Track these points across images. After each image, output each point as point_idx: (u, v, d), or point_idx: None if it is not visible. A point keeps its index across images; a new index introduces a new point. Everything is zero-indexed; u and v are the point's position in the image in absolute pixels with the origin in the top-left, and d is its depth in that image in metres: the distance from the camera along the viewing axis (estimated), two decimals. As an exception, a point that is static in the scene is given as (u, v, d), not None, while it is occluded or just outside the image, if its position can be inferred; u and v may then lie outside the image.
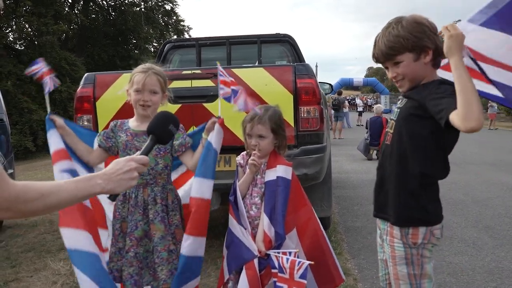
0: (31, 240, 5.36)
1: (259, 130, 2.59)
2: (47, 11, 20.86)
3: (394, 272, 2.07)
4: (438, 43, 1.95)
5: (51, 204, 1.41)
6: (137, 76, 2.63)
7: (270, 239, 2.48)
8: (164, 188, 2.67)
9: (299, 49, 6.32)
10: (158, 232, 2.58)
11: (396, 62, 1.99)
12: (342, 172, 10.01)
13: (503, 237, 5.08)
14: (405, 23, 1.94)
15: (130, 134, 2.69)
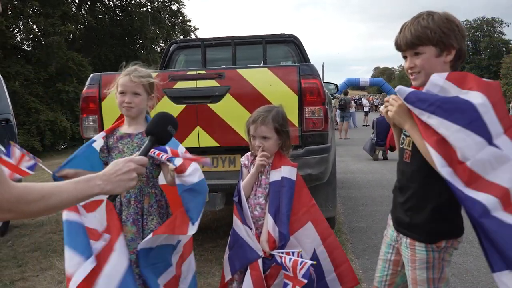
0: (37, 240, 5.39)
1: (263, 131, 2.59)
2: (54, 11, 20.99)
3: (413, 276, 2.04)
4: (463, 45, 1.94)
5: (52, 205, 1.43)
6: (121, 79, 2.63)
7: (274, 240, 2.49)
8: (141, 191, 2.61)
9: (304, 50, 6.32)
10: (129, 234, 2.56)
11: (417, 53, 1.95)
12: (348, 172, 10.00)
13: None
14: (437, 17, 1.93)
15: (116, 137, 2.69)
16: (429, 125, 1.79)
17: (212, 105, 4.15)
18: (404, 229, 2.08)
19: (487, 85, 1.80)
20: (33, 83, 20.27)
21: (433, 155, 1.76)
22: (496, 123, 1.75)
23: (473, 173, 1.72)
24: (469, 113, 1.73)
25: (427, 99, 1.79)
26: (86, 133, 4.35)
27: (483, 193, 1.70)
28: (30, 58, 21.11)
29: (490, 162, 1.72)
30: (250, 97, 4.05)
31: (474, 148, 1.71)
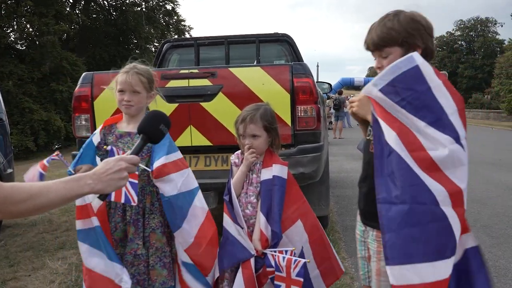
0: (30, 240, 5.38)
1: (252, 129, 2.58)
2: (48, 11, 20.87)
3: (377, 267, 2.05)
4: (429, 44, 1.95)
5: (40, 205, 1.42)
6: (120, 77, 2.63)
7: (266, 238, 2.48)
8: (143, 190, 2.62)
9: (298, 49, 6.33)
10: (130, 234, 2.59)
11: (384, 54, 1.99)
12: (342, 171, 10.02)
13: (500, 236, 5.08)
14: (402, 18, 1.95)
15: (115, 136, 2.69)
16: (392, 114, 1.83)
17: (205, 104, 4.15)
18: (371, 221, 2.08)
19: (455, 93, 1.85)
20: (27, 82, 20.15)
21: (394, 139, 1.78)
22: (460, 126, 1.81)
23: (434, 164, 1.75)
24: (438, 111, 1.78)
25: (399, 94, 1.81)
26: (79, 132, 4.34)
27: (438, 184, 1.73)
28: (24, 58, 21.00)
29: (453, 160, 1.76)
30: (243, 96, 4.05)
31: (438, 144, 1.75)
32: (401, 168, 1.74)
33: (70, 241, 5.18)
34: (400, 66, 1.82)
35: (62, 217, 6.42)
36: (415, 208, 1.72)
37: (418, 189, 1.73)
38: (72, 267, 4.29)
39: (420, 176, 1.73)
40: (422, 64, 1.81)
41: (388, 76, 1.84)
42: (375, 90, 1.87)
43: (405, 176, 1.74)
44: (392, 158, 1.77)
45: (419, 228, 1.72)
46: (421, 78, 1.80)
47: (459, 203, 1.77)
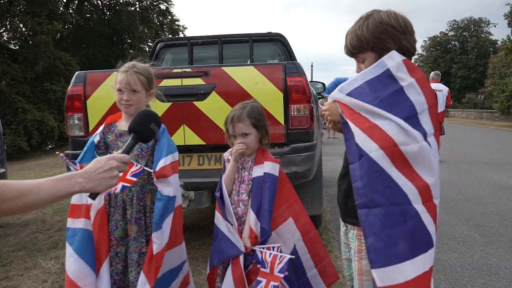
0: (22, 239, 5.36)
1: (241, 128, 2.59)
2: (41, 10, 20.81)
3: (359, 266, 2.05)
4: (403, 42, 1.95)
5: (31, 203, 1.42)
6: (119, 76, 2.63)
7: (256, 235, 2.49)
8: (143, 189, 2.63)
9: (291, 48, 6.33)
10: (132, 233, 2.59)
11: (360, 61, 2.03)
12: (335, 171, 10.01)
13: (492, 235, 5.11)
14: (371, 23, 1.95)
15: (115, 134, 2.69)
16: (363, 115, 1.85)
17: (198, 103, 4.15)
18: (351, 218, 2.07)
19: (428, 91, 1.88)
20: (20, 82, 20.08)
21: (364, 140, 1.80)
22: (429, 123, 1.85)
23: (405, 158, 1.79)
24: (408, 109, 1.82)
25: (370, 94, 1.84)
26: (71, 132, 4.33)
27: (409, 181, 1.78)
28: (17, 57, 20.93)
29: (422, 155, 1.80)
30: (236, 95, 4.05)
31: (411, 139, 1.78)
32: (374, 171, 1.77)
33: (63, 241, 5.15)
34: (372, 71, 1.88)
35: (55, 217, 6.40)
36: (392, 210, 1.76)
37: (392, 191, 1.77)
38: (64, 267, 4.27)
39: (392, 177, 1.77)
40: (393, 67, 1.85)
41: (357, 81, 1.89)
42: (342, 95, 1.91)
43: (379, 178, 1.77)
44: (364, 161, 1.79)
45: (397, 229, 1.76)
46: (392, 80, 1.84)
47: (428, 198, 1.82)
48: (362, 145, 1.80)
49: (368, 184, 1.78)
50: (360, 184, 1.80)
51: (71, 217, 2.54)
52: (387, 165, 1.77)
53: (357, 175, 1.81)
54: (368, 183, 1.78)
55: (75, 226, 2.51)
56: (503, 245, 4.75)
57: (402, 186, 1.77)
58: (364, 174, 1.79)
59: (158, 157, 2.54)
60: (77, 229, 2.49)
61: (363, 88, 1.86)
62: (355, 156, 1.83)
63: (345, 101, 1.90)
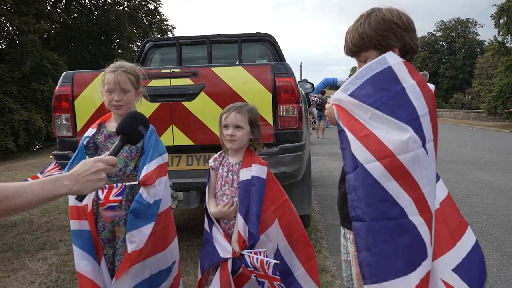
0: (9, 240, 5.31)
1: (237, 119, 2.54)
2: (28, 9, 20.66)
3: (357, 271, 2.03)
4: (407, 40, 1.91)
5: (16, 206, 1.41)
6: (107, 76, 2.60)
7: (244, 240, 2.47)
8: (132, 190, 2.61)
9: (280, 49, 6.34)
10: (121, 234, 2.57)
11: (362, 59, 1.97)
12: (325, 170, 10.07)
13: (479, 234, 5.15)
14: (373, 20, 1.91)
15: (104, 135, 2.66)
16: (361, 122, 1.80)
17: (187, 103, 4.14)
18: (348, 222, 2.02)
19: (427, 94, 1.83)
20: (7, 82, 19.91)
21: (359, 150, 1.76)
22: (429, 128, 1.80)
23: (402, 168, 1.73)
24: (411, 111, 1.76)
25: (373, 95, 1.78)
26: (59, 132, 4.30)
27: (405, 192, 1.73)
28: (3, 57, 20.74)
29: (419, 163, 1.75)
30: (225, 95, 4.05)
31: (409, 146, 1.73)
32: (369, 183, 1.73)
33: (51, 242, 5.13)
34: (373, 68, 1.80)
35: (42, 218, 6.35)
36: (385, 224, 1.71)
37: (387, 204, 1.72)
38: (52, 268, 4.25)
39: (388, 190, 1.72)
40: (395, 65, 1.79)
41: (359, 80, 1.82)
42: (345, 96, 1.85)
43: (374, 191, 1.72)
44: (359, 172, 1.75)
45: (391, 244, 1.71)
46: (395, 78, 1.78)
47: (425, 209, 1.76)
48: (357, 155, 1.75)
49: (362, 197, 1.74)
50: (354, 196, 1.75)
51: (75, 219, 2.54)
52: (383, 177, 1.72)
53: (351, 186, 1.77)
54: (362, 196, 1.74)
55: (82, 227, 2.52)
56: (490, 244, 4.79)
57: (397, 199, 1.72)
58: (358, 186, 1.74)
59: (142, 164, 2.52)
60: (85, 231, 2.51)
61: (365, 87, 1.80)
62: (350, 166, 1.78)
63: (347, 102, 1.84)
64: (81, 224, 2.52)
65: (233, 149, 2.61)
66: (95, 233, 2.58)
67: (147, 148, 2.56)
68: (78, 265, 2.52)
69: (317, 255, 4.42)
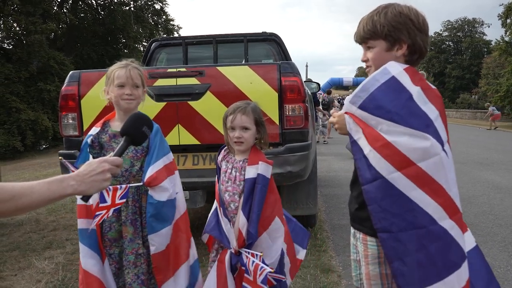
0: (16, 239, 5.33)
1: (244, 121, 2.51)
2: (35, 10, 20.76)
3: (366, 271, 2.02)
4: (418, 40, 1.91)
5: (23, 206, 1.41)
6: (118, 72, 2.59)
7: (243, 239, 2.47)
8: (138, 190, 2.61)
9: (286, 48, 6.33)
10: (128, 234, 2.57)
11: (369, 46, 1.98)
12: (331, 170, 10.05)
13: (486, 234, 5.13)
14: (390, 11, 1.92)
15: (109, 135, 2.66)
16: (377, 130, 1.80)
17: (193, 102, 4.15)
18: (358, 224, 2.06)
19: (433, 96, 1.85)
20: (14, 82, 20.02)
21: (378, 161, 1.76)
22: (443, 130, 1.82)
23: (425, 175, 1.74)
24: (424, 118, 1.77)
25: (383, 106, 1.79)
26: (65, 131, 4.32)
27: (431, 199, 1.74)
28: (10, 57, 20.86)
29: (443, 166, 1.76)
30: (231, 94, 4.05)
31: (430, 152, 1.74)
32: (393, 194, 1.73)
33: (57, 241, 5.15)
34: (377, 78, 1.82)
35: (49, 217, 6.37)
36: (415, 233, 1.73)
37: (414, 214, 1.73)
38: (59, 267, 4.26)
39: (413, 199, 1.72)
40: (398, 74, 1.81)
41: (364, 92, 1.83)
42: (354, 109, 1.86)
43: (399, 202, 1.73)
44: (381, 184, 1.75)
45: (424, 253, 1.73)
46: (400, 87, 1.80)
47: (454, 211, 1.78)
48: (377, 167, 1.76)
49: (387, 208, 1.74)
50: (378, 208, 1.76)
51: (83, 217, 2.55)
52: (407, 187, 1.72)
53: (372, 198, 1.77)
54: (388, 207, 1.74)
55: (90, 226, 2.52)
56: (497, 245, 4.77)
57: (424, 207, 1.73)
58: (382, 198, 1.75)
59: (147, 164, 2.52)
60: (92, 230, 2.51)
61: (374, 98, 1.81)
62: (367, 177, 1.78)
63: (358, 115, 1.85)
64: (89, 223, 2.51)
65: (241, 151, 2.60)
66: (99, 232, 2.58)
67: (152, 148, 2.56)
68: (86, 264, 2.52)
69: (323, 255, 4.44)
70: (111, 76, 2.61)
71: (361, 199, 1.93)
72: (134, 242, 2.56)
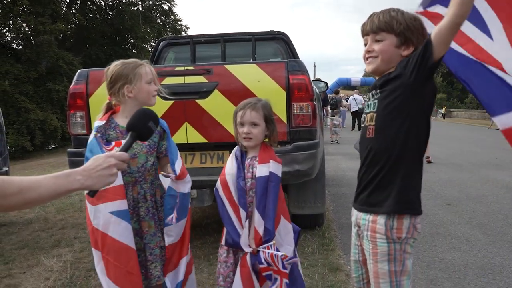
0: (25, 238, 5.36)
1: (253, 116, 2.52)
2: (44, 10, 20.87)
3: (375, 269, 2.02)
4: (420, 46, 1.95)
5: (30, 199, 1.42)
6: (143, 68, 2.59)
7: (260, 237, 2.46)
8: (152, 184, 2.64)
9: (294, 47, 6.32)
10: (150, 229, 2.59)
11: (378, 40, 2.02)
12: (339, 170, 10.02)
13: (496, 234, 5.09)
14: (406, 13, 2.01)
15: (120, 132, 2.64)
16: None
17: (200, 101, 4.14)
18: (372, 206, 2.04)
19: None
20: (23, 82, 20.14)
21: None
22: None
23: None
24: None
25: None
26: (74, 130, 4.33)
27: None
28: (20, 57, 21.00)
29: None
30: (238, 93, 4.04)
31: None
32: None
33: (65, 239, 5.17)
34: None
35: (57, 216, 6.40)
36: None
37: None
38: (67, 265, 4.28)
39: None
40: None
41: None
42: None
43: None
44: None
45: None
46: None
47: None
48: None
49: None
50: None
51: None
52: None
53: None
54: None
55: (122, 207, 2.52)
56: (507, 244, 4.73)
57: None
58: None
59: (173, 159, 2.57)
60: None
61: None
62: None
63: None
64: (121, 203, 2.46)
65: (250, 147, 2.59)
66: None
67: (170, 143, 2.63)
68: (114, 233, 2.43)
69: (331, 254, 4.42)
70: (136, 73, 2.57)
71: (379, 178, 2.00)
72: (156, 235, 2.60)
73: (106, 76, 2.66)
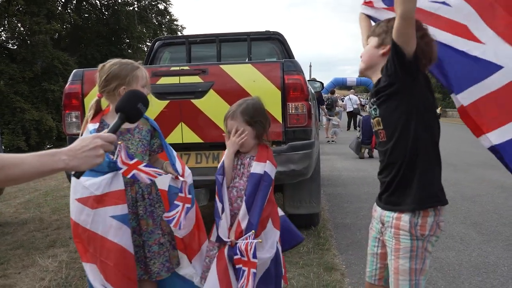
0: (20, 238, 5.35)
1: (232, 125, 2.54)
2: (39, 10, 20.76)
3: (396, 265, 2.04)
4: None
5: (13, 176, 1.39)
6: (140, 71, 2.61)
7: (241, 230, 2.44)
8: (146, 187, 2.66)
9: (289, 47, 6.33)
10: (148, 227, 2.61)
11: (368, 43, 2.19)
12: (334, 170, 10.04)
13: (490, 233, 5.11)
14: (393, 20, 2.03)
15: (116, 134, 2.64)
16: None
17: (196, 101, 4.15)
18: (397, 205, 2.07)
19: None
20: (18, 82, 20.01)
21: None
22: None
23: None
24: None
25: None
26: (69, 130, 4.33)
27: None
28: (15, 57, 20.86)
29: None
30: (234, 93, 4.04)
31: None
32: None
33: (61, 239, 5.16)
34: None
35: (52, 216, 6.39)
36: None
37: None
38: (62, 265, 4.27)
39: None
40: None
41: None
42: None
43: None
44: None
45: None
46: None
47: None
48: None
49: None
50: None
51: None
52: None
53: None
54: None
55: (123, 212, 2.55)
56: (501, 244, 4.75)
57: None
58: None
59: (173, 160, 2.63)
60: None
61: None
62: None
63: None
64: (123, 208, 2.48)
65: (245, 152, 2.60)
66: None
67: (164, 142, 2.69)
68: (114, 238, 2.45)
69: (326, 254, 4.43)
70: (134, 75, 2.58)
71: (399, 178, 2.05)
72: (155, 233, 2.63)
73: (101, 73, 2.64)
